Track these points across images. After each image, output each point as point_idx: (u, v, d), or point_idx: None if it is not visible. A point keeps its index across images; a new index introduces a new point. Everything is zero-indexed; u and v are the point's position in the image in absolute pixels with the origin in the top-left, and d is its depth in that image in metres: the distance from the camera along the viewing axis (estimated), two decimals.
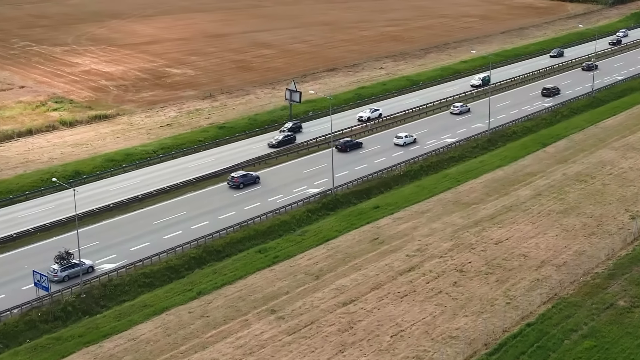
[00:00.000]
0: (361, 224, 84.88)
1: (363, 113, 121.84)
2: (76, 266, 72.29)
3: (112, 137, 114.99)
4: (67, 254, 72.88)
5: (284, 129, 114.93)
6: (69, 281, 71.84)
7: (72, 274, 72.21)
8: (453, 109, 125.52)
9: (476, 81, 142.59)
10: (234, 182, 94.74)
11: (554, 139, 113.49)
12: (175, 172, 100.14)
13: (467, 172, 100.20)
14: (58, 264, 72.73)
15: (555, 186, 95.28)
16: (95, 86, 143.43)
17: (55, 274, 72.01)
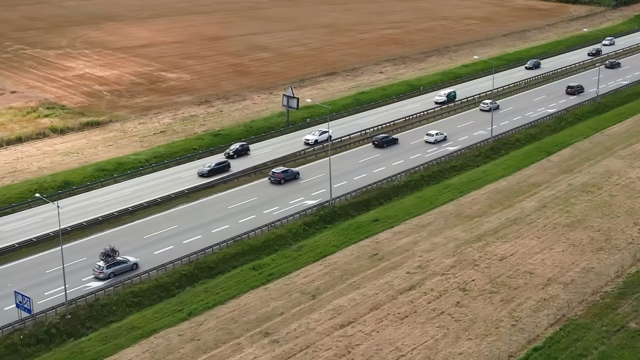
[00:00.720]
0: (360, 239, 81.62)
1: (310, 136, 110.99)
2: (121, 263, 73.71)
3: (104, 145, 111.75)
4: (113, 250, 73.64)
5: (229, 151, 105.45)
6: (114, 278, 72.74)
7: (117, 270, 73.25)
8: (483, 106, 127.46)
9: (441, 97, 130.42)
10: (275, 177, 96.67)
11: (558, 147, 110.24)
12: (168, 183, 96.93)
13: (470, 183, 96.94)
14: (104, 260, 73.30)
15: (560, 197, 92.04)
16: (88, 91, 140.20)
17: (101, 270, 72.74)
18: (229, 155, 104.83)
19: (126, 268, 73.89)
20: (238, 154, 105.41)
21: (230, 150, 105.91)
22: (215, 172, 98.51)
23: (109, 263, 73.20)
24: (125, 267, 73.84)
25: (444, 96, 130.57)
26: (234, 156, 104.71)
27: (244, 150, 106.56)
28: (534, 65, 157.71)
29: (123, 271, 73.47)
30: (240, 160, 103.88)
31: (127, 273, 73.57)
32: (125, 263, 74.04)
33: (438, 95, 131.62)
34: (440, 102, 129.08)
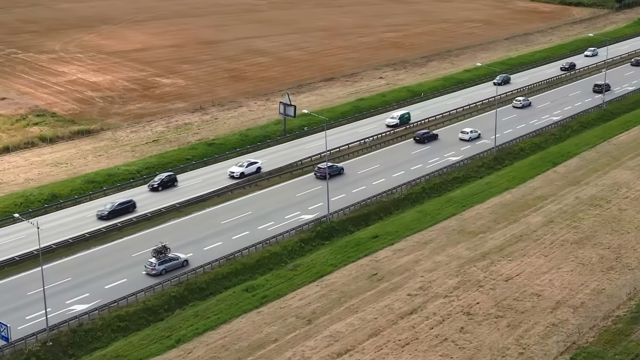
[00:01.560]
0: (358, 257, 77.94)
1: (236, 168, 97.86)
2: (173, 260, 74.39)
3: (94, 154, 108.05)
4: (164, 247, 74.45)
5: (153, 183, 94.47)
6: (166, 274, 73.29)
7: (169, 267, 73.90)
8: (516, 103, 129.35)
9: (393, 120, 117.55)
10: (321, 172, 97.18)
11: (564, 157, 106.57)
12: (159, 196, 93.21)
13: (473, 196, 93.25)
14: (155, 257, 73.86)
15: (568, 212, 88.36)
16: (80, 97, 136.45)
17: (153, 267, 73.35)
18: (153, 188, 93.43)
19: (177, 265, 74.58)
20: (164, 185, 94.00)
21: (155, 182, 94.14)
22: (117, 213, 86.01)
23: (161, 260, 73.74)
24: (176, 263, 74.55)
25: (397, 118, 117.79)
26: (158, 188, 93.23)
27: (171, 182, 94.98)
28: (503, 80, 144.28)
29: (174, 268, 74.14)
30: (165, 194, 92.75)
31: (178, 270, 74.23)
32: (176, 260, 74.71)
33: (390, 118, 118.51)
34: (392, 125, 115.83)
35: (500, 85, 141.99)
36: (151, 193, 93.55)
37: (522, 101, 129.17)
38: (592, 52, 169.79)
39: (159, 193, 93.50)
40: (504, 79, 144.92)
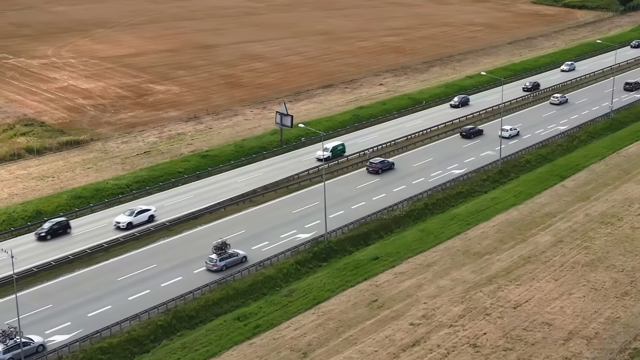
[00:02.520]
0: (357, 281, 73.56)
1: (122, 217, 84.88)
2: (233, 256, 75.27)
3: (83, 167, 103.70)
4: (224, 244, 75.11)
5: (40, 231, 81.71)
6: (226, 270, 73.91)
7: (229, 263, 74.85)
8: (553, 100, 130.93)
9: (325, 153, 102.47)
10: (374, 167, 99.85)
11: (572, 170, 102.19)
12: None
13: (478, 213, 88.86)
14: (216, 254, 74.56)
15: (578, 230, 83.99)
16: (70, 106, 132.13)
17: (214, 263, 74.10)
18: (41, 237, 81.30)
19: (237, 261, 75.51)
20: (53, 233, 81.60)
21: (43, 230, 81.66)
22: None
23: (221, 256, 74.53)
24: (236, 260, 75.45)
25: (329, 151, 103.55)
26: (46, 237, 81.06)
27: (63, 229, 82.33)
28: (461, 102, 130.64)
29: (234, 264, 75.05)
30: (56, 243, 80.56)
31: (238, 266, 75.08)
32: (236, 256, 75.66)
33: (320, 151, 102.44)
34: (323, 159, 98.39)
35: (457, 107, 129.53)
36: (38, 243, 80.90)
37: (559, 98, 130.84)
38: (569, 67, 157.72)
39: (48, 242, 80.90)
40: (462, 100, 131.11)
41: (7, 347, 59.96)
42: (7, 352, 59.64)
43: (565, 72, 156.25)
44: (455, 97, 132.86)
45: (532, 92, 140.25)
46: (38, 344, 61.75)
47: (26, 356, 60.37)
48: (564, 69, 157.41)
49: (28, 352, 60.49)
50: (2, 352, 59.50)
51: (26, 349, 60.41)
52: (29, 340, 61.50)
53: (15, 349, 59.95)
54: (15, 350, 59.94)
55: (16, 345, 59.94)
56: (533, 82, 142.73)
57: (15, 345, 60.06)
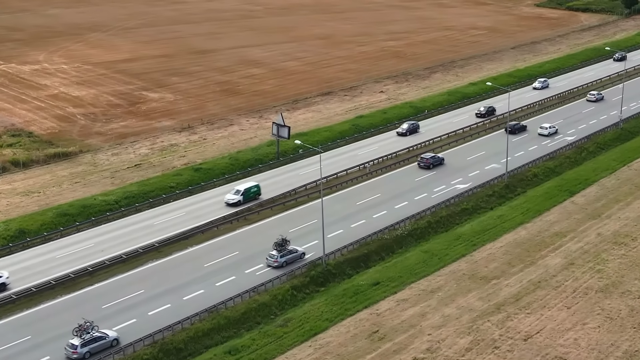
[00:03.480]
0: (357, 309, 69.11)
1: None
2: (292, 252, 76.49)
3: (70, 181, 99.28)
4: (284, 240, 75.95)
5: None
6: (286, 266, 75.13)
7: (289, 259, 75.99)
8: (590, 97, 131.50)
9: (235, 197, 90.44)
10: (425, 162, 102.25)
11: (582, 185, 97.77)
12: (137, 232, 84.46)
13: (484, 232, 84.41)
14: (277, 250, 75.58)
15: (590, 252, 79.56)
16: (60, 115, 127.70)
17: (275, 259, 75.27)
18: None
19: (296, 257, 76.72)
20: None
21: None
22: None
23: (282, 252, 75.60)
24: (295, 256, 76.60)
25: (240, 194, 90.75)
26: None
27: None
28: (409, 129, 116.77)
29: (294, 260, 76.27)
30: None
31: (297, 262, 76.22)
32: (295, 252, 76.71)
33: (231, 193, 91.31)
34: (233, 203, 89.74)
35: (405, 135, 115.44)
36: None
37: (595, 95, 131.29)
38: (541, 84, 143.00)
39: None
40: (411, 127, 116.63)
41: (84, 340, 61.35)
42: (84, 346, 61.18)
43: (537, 89, 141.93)
44: (404, 123, 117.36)
45: (487, 118, 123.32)
46: (112, 339, 63.05)
47: (101, 350, 61.81)
48: (537, 86, 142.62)
49: (103, 346, 62.10)
50: (80, 345, 61.06)
51: (101, 342, 62.11)
52: (104, 335, 62.83)
53: (92, 343, 61.63)
54: (91, 344, 61.56)
55: (92, 339, 61.75)
56: (488, 107, 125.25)
57: (91, 339, 61.70)
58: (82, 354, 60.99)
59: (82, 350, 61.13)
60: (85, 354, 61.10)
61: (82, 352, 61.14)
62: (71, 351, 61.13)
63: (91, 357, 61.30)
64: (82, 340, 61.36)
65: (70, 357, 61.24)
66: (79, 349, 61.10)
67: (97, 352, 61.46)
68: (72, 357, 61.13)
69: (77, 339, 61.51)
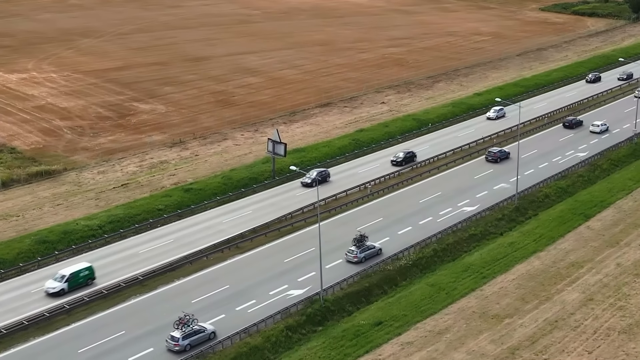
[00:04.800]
0: (358, 354, 63.05)
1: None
2: (370, 248, 78.35)
3: (52, 203, 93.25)
4: (362, 236, 78.00)
5: None
6: (366, 262, 77.08)
7: (367, 255, 78.02)
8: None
9: (56, 284, 71.85)
10: (493, 156, 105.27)
11: (597, 207, 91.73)
12: (121, 262, 78.48)
13: (494, 262, 78.33)
14: (356, 246, 77.62)
15: (609, 285, 73.54)
16: (46, 128, 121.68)
17: (355, 255, 77.36)
18: None
19: (374, 253, 78.58)
20: None
21: None
22: None
23: (361, 248, 77.46)
24: (373, 252, 78.46)
25: (64, 282, 71.98)
26: None
27: None
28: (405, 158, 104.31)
29: (372, 255, 78.16)
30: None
31: (375, 258, 78.02)
32: (372, 248, 78.68)
33: (53, 280, 72.90)
34: (54, 293, 71.76)
35: (308, 185, 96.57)
36: None
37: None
38: (496, 113, 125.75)
39: None
40: (319, 175, 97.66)
41: (185, 333, 62.78)
42: (185, 339, 62.78)
43: (492, 119, 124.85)
44: (307, 175, 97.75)
45: (402, 165, 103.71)
46: (210, 332, 64.62)
47: (200, 342, 63.22)
48: (491, 116, 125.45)
49: (202, 339, 63.65)
50: (182, 338, 62.55)
51: (201, 335, 63.65)
52: (203, 328, 64.28)
53: (192, 336, 63.18)
54: (192, 337, 63.11)
55: (193, 332, 63.26)
56: (406, 152, 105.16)
57: (192, 332, 63.19)
58: (183, 346, 62.49)
59: (184, 343, 62.51)
60: (186, 346, 62.60)
61: (184, 345, 62.51)
62: (173, 343, 62.67)
63: (191, 349, 62.65)
64: (183, 332, 62.70)
65: (172, 349, 62.64)
66: (180, 341, 62.45)
67: (196, 344, 63.07)
68: (174, 349, 62.53)
69: (178, 332, 62.92)
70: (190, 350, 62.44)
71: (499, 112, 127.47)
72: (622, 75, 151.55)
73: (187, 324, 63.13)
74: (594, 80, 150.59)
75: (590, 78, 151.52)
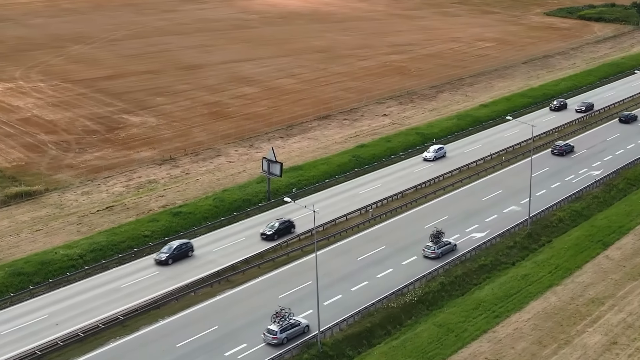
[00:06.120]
0: None
1: None
2: (446, 244, 79.17)
3: (31, 229, 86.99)
4: (439, 232, 78.70)
5: None
6: (442, 257, 78.01)
7: (444, 250, 78.79)
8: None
9: None
10: (559, 149, 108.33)
11: (615, 234, 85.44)
12: (101, 298, 72.23)
13: (507, 298, 71.99)
14: (433, 242, 78.57)
15: (634, 326, 67.28)
16: (30, 143, 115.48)
17: (433, 251, 78.31)
18: None
19: (449, 249, 79.65)
20: None
21: None
22: None
23: (438, 244, 78.30)
24: (448, 247, 79.56)
25: None
26: None
27: None
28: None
29: (448, 252, 79.13)
30: None
31: (451, 254, 78.94)
32: (448, 244, 79.48)
33: None
34: None
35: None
36: None
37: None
38: (434, 154, 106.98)
39: None
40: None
41: (283, 327, 63.91)
42: (283, 332, 63.95)
43: (428, 161, 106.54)
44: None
45: (276, 245, 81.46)
46: (305, 325, 65.74)
47: (296, 336, 64.47)
48: (428, 156, 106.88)
49: (297, 332, 64.88)
50: (279, 331, 63.65)
51: (297, 329, 64.90)
52: (298, 322, 65.43)
53: (289, 329, 64.39)
54: (289, 330, 64.32)
55: (289, 325, 64.46)
56: (282, 221, 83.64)
57: (288, 326, 64.39)
58: (281, 339, 63.64)
59: (282, 336, 63.66)
60: (284, 340, 63.71)
61: (282, 338, 63.62)
62: (271, 337, 63.71)
63: (288, 342, 63.76)
64: (280, 326, 63.74)
65: (270, 343, 63.70)
66: (278, 335, 63.50)
67: (292, 337, 64.26)
68: (272, 343, 63.60)
69: (275, 325, 63.92)
70: (287, 344, 63.30)
71: (438, 151, 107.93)
72: (580, 106, 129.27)
73: (284, 318, 63.91)
74: (559, 108, 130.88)
75: (555, 105, 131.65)
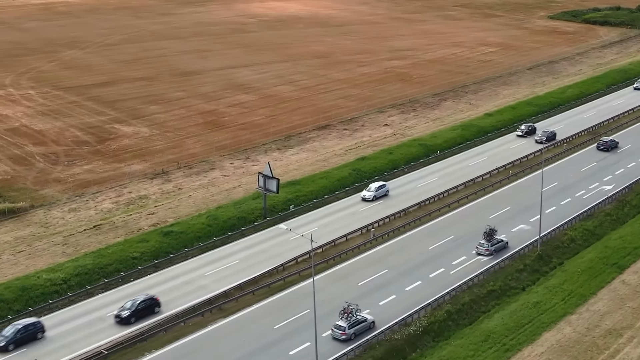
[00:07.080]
0: None
1: None
2: (499, 242, 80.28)
3: (13, 250, 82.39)
4: (492, 230, 79.71)
5: None
6: (496, 254, 78.94)
7: (497, 248, 79.84)
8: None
9: None
10: (605, 145, 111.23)
11: (631, 256, 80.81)
12: (84, 328, 67.68)
13: (519, 329, 67.36)
14: (486, 240, 79.52)
15: None
16: (17, 155, 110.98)
17: (486, 248, 79.19)
18: None
19: (502, 246, 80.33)
20: None
21: None
22: None
23: (491, 241, 79.40)
24: (501, 245, 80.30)
25: None
26: None
27: None
28: None
29: (500, 249, 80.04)
30: None
31: (504, 251, 79.96)
32: (500, 242, 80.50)
33: None
34: None
35: None
36: None
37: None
38: (374, 193, 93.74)
39: None
40: None
41: (351, 322, 64.96)
42: (351, 328, 64.88)
43: (367, 201, 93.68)
44: None
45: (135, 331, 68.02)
46: (371, 321, 66.72)
47: (363, 332, 65.38)
48: (366, 196, 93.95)
49: (364, 328, 65.84)
50: (348, 327, 64.62)
51: (363, 324, 65.81)
52: (364, 318, 66.34)
53: (357, 325, 65.39)
54: (356, 326, 65.34)
55: (357, 321, 65.45)
56: (141, 300, 69.10)
57: (356, 322, 65.40)
58: (349, 334, 64.59)
59: (350, 332, 64.57)
60: (352, 335, 64.60)
61: (350, 333, 64.56)
62: (339, 332, 64.71)
63: (355, 338, 64.49)
64: (348, 322, 64.72)
65: (339, 338, 64.68)
66: (347, 330, 64.42)
67: (360, 333, 65.18)
68: (341, 338, 64.62)
69: (343, 321, 64.89)
70: (355, 339, 63.85)
71: (378, 190, 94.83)
72: (541, 137, 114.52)
73: (351, 314, 64.63)
74: (528, 133, 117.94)
75: (522, 130, 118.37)
